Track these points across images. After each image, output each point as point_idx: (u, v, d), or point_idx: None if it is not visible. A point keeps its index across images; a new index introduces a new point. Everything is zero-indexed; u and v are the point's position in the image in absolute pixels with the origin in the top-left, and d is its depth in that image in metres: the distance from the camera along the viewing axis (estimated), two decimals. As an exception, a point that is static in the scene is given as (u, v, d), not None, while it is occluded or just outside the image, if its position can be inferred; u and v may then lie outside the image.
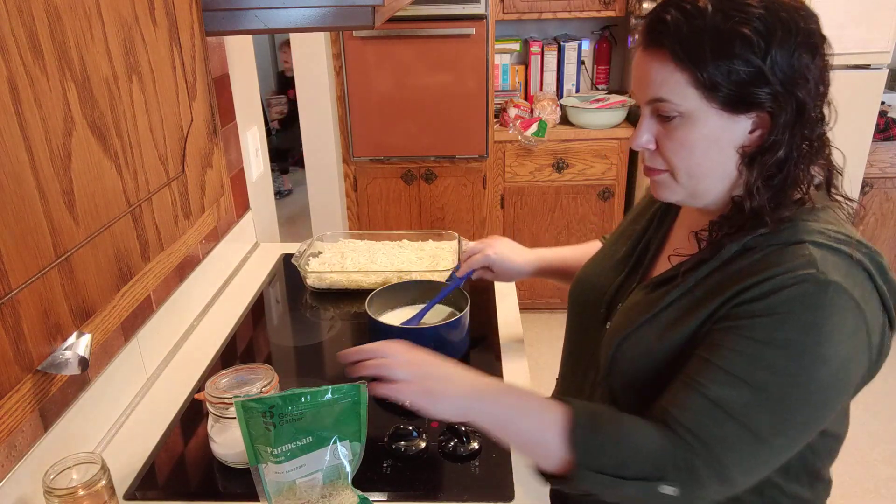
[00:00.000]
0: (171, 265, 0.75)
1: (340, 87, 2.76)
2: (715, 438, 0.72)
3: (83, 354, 0.55)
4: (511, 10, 2.88)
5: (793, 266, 0.72)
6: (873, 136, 2.72)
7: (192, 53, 0.77)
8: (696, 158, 0.79)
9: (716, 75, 0.73)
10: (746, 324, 0.73)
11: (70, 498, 0.81)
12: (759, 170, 0.76)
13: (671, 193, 0.84)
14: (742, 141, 0.77)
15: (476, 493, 0.93)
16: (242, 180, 1.74)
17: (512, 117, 2.88)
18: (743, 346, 0.72)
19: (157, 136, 0.68)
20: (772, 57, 0.72)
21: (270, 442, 0.80)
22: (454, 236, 1.67)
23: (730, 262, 0.78)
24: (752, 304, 0.73)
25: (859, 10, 2.47)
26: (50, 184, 0.51)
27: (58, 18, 0.52)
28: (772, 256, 0.75)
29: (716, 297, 0.76)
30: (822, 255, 0.73)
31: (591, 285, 0.99)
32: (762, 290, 0.72)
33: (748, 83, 0.73)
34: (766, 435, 0.72)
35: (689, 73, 0.74)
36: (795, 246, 0.74)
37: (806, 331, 0.70)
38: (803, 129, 0.75)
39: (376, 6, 0.97)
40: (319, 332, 1.41)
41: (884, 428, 2.51)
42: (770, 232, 0.76)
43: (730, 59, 0.72)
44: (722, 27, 0.72)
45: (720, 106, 0.75)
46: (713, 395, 0.72)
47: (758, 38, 0.71)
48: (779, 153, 0.74)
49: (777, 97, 0.73)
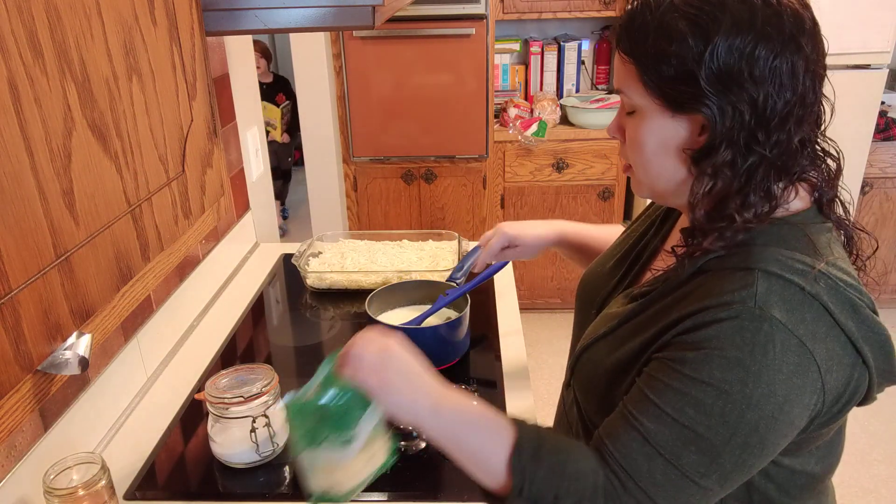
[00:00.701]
0: (171, 265, 0.75)
1: (340, 87, 2.76)
2: (643, 475, 0.69)
3: (83, 354, 0.55)
4: (511, 10, 2.88)
5: (730, 298, 0.67)
6: (873, 136, 2.72)
7: (192, 53, 0.77)
8: (647, 156, 0.76)
9: (652, 71, 0.71)
10: (678, 357, 0.70)
11: (70, 498, 0.81)
12: (703, 178, 0.72)
13: (639, 189, 0.82)
14: (687, 143, 0.73)
15: (476, 493, 0.93)
16: (242, 180, 1.74)
17: (512, 117, 2.88)
18: (673, 380, 0.69)
19: (157, 136, 0.68)
20: (711, 53, 0.66)
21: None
22: (454, 236, 1.67)
23: (684, 284, 0.75)
24: (686, 335, 0.70)
25: (859, 10, 2.47)
26: (50, 184, 0.51)
27: (58, 18, 0.52)
28: (715, 283, 0.70)
29: (660, 321, 0.74)
30: (768, 287, 0.67)
31: (590, 285, 0.97)
32: (695, 321, 0.69)
33: (680, 81, 0.69)
34: (693, 475, 0.68)
35: (633, 68, 0.73)
36: (743, 273, 0.69)
37: (732, 369, 0.66)
38: (760, 133, 0.68)
39: (376, 6, 0.97)
40: (319, 332, 1.41)
41: (884, 428, 2.51)
42: (726, 255, 0.72)
43: (665, 55, 0.69)
44: (664, 20, 0.69)
45: (662, 103, 0.72)
46: (645, 429, 0.70)
47: (695, 33, 0.67)
48: (717, 159, 0.70)
49: (710, 98, 0.68)
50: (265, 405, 0.96)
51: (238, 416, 0.95)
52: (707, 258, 0.73)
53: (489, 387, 1.17)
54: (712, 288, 0.70)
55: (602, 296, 0.93)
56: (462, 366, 1.24)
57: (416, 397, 0.75)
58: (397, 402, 0.75)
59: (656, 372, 0.71)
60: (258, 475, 0.98)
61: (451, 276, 1.41)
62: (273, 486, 0.97)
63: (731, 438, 0.67)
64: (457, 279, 1.40)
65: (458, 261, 1.53)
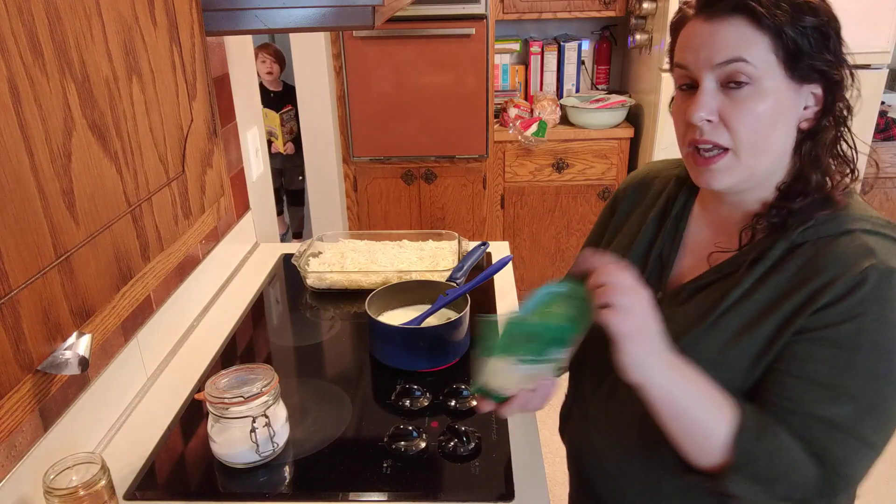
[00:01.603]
0: (171, 265, 0.75)
1: (340, 87, 2.76)
2: (840, 460, 0.72)
3: (83, 354, 0.55)
4: (511, 10, 2.88)
5: (854, 260, 0.71)
6: (873, 136, 2.72)
7: (192, 53, 0.77)
8: (765, 130, 0.75)
9: (795, 39, 0.72)
10: (830, 333, 0.71)
11: (70, 498, 0.81)
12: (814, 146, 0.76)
13: (729, 176, 0.78)
14: (801, 115, 0.76)
15: (476, 493, 0.94)
16: (242, 180, 1.74)
17: (512, 117, 2.88)
18: (833, 356, 0.71)
19: (157, 136, 0.68)
20: (833, 27, 0.73)
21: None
22: (454, 236, 1.67)
23: (784, 261, 0.76)
24: (828, 310, 0.71)
25: (859, 10, 2.47)
26: (50, 184, 0.51)
27: (58, 18, 0.52)
28: (828, 251, 0.73)
29: (783, 302, 0.74)
30: (876, 243, 0.72)
31: None
32: (834, 293, 0.71)
33: (815, 51, 0.73)
34: (874, 440, 0.72)
35: (770, 37, 0.72)
36: (846, 237, 0.73)
37: (887, 327, 0.70)
38: (844, 107, 0.76)
39: (376, 6, 0.97)
40: (319, 332, 1.41)
41: (884, 428, 2.51)
42: (814, 225, 0.75)
43: (804, 25, 0.72)
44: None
45: (791, 74, 0.73)
46: (825, 415, 0.72)
47: (821, 7, 0.73)
48: (824, 132, 0.76)
49: (837, 67, 0.74)
50: (265, 405, 0.96)
51: (238, 416, 0.95)
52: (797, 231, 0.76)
53: (489, 387, 1.17)
54: (827, 258, 0.73)
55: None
56: (462, 366, 1.24)
57: (657, 358, 0.73)
58: (641, 356, 0.72)
59: (809, 354, 0.72)
60: (258, 475, 0.98)
61: (451, 276, 1.41)
62: (273, 486, 0.97)
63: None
64: (457, 279, 1.40)
65: (458, 261, 1.53)
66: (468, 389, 1.13)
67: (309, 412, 1.13)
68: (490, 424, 1.07)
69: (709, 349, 0.79)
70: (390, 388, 1.16)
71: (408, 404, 1.11)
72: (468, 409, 1.10)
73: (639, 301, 0.73)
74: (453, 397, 1.12)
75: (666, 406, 0.74)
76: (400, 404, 1.12)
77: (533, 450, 1.03)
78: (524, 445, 1.03)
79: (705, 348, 0.79)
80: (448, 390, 1.13)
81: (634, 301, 0.72)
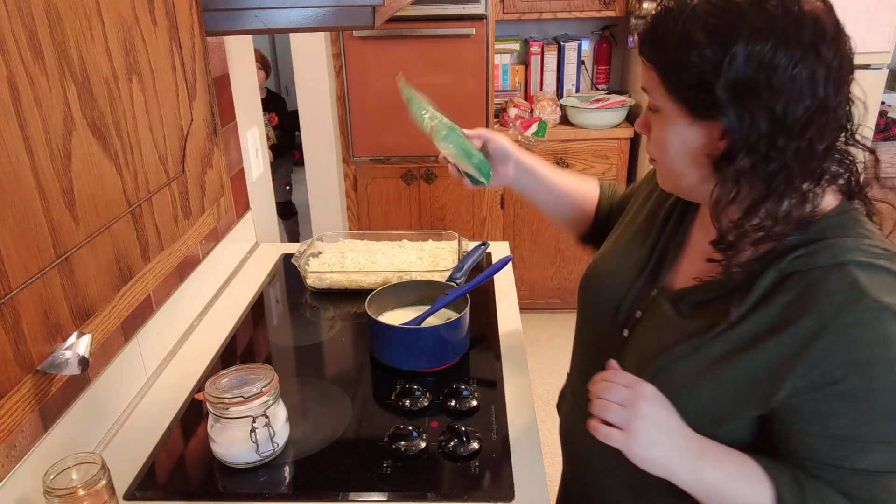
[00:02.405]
0: (171, 265, 0.75)
1: (340, 87, 2.76)
2: (887, 501, 0.72)
3: (83, 354, 0.55)
4: (511, 10, 2.88)
5: (845, 302, 0.68)
6: (873, 136, 2.72)
7: (192, 53, 0.77)
8: (670, 155, 0.78)
9: (672, 79, 0.72)
10: (840, 387, 0.69)
11: (70, 498, 0.81)
12: (726, 184, 0.72)
13: (663, 183, 0.84)
14: (707, 148, 0.74)
15: (476, 493, 0.94)
16: (242, 180, 1.74)
17: (512, 117, 2.88)
18: (851, 410, 0.70)
19: (157, 136, 0.68)
20: (729, 63, 0.67)
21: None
22: (454, 236, 1.67)
23: (773, 293, 0.73)
24: (830, 361, 0.69)
25: (859, 10, 2.47)
26: (50, 184, 0.51)
27: (58, 18, 0.52)
28: (818, 289, 0.70)
29: (768, 338, 0.72)
30: (869, 278, 0.69)
31: (606, 283, 0.94)
32: (831, 341, 0.68)
33: (699, 89, 0.70)
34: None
35: (655, 73, 0.75)
36: (837, 271, 0.70)
37: (890, 367, 0.68)
38: (780, 141, 0.69)
39: (376, 6, 0.97)
40: (319, 332, 1.41)
41: (884, 428, 2.50)
42: (807, 252, 0.72)
43: (684, 63, 0.70)
44: (684, 29, 0.70)
45: (683, 109, 0.73)
46: (861, 466, 0.71)
47: (713, 42, 0.68)
48: (737, 165, 0.70)
49: (728, 106, 0.68)
50: (265, 405, 0.96)
51: (238, 416, 0.95)
52: (786, 260, 0.73)
53: (489, 387, 1.17)
54: (817, 296, 0.70)
55: (627, 297, 0.90)
56: (462, 366, 1.24)
57: (677, 454, 0.73)
58: (656, 459, 0.73)
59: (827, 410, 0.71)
60: (258, 475, 0.98)
61: (451, 276, 1.41)
62: (273, 486, 0.97)
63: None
64: (457, 279, 1.40)
65: (458, 261, 1.53)
66: (468, 389, 1.13)
67: (309, 412, 1.13)
68: (490, 424, 1.07)
69: (687, 374, 0.78)
70: (390, 388, 1.16)
71: (408, 404, 1.11)
72: (468, 409, 1.10)
73: (636, 407, 0.73)
74: (453, 397, 1.12)
75: (699, 493, 0.74)
76: (400, 404, 1.12)
77: (533, 450, 1.03)
78: (524, 445, 1.03)
79: (683, 373, 0.78)
80: (448, 390, 1.13)
81: (631, 411, 0.73)
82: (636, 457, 0.73)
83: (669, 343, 0.80)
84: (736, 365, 0.74)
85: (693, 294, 0.82)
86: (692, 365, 0.77)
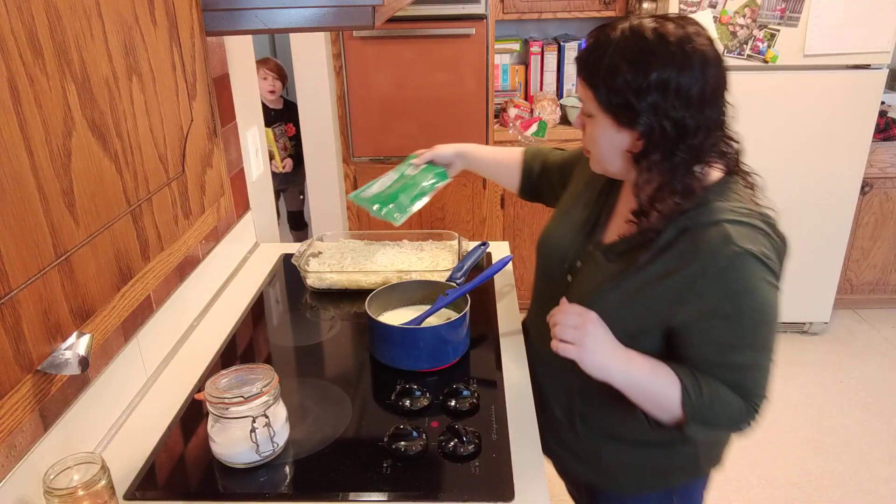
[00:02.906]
0: (171, 265, 0.75)
1: (340, 87, 2.76)
2: (753, 388, 0.99)
3: (83, 354, 0.55)
4: (511, 10, 2.88)
5: (718, 249, 0.93)
6: (873, 136, 2.72)
7: (192, 53, 0.77)
8: (600, 150, 1.03)
9: (602, 96, 0.97)
10: (719, 311, 0.95)
11: (70, 498, 0.81)
12: (643, 172, 0.98)
13: (595, 169, 1.09)
14: (629, 147, 0.99)
15: (476, 493, 0.94)
16: (242, 180, 1.75)
17: (512, 117, 2.88)
18: (727, 325, 0.96)
19: (157, 136, 0.68)
20: (647, 87, 0.91)
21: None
22: (454, 236, 1.67)
23: (672, 244, 0.99)
24: (710, 293, 0.95)
25: (859, 10, 2.47)
26: (50, 184, 0.51)
27: (58, 18, 0.52)
28: (700, 240, 0.95)
29: (670, 276, 0.98)
30: (736, 231, 0.94)
31: (555, 243, 1.21)
32: (710, 279, 0.94)
33: (623, 106, 0.95)
34: (769, 363, 0.99)
35: (590, 92, 0.98)
36: (714, 227, 0.95)
37: (755, 293, 0.94)
38: (683, 139, 0.94)
39: (376, 6, 0.97)
40: (319, 332, 1.41)
41: (884, 428, 2.51)
42: (695, 213, 0.97)
43: (612, 87, 0.94)
44: (612, 62, 0.94)
45: (610, 119, 0.98)
46: (734, 362, 0.98)
47: (635, 72, 0.92)
48: (651, 159, 0.96)
49: (644, 118, 0.93)
50: (265, 405, 0.96)
51: (238, 416, 0.95)
52: (681, 220, 0.98)
53: (489, 387, 1.17)
54: (699, 246, 0.95)
55: (570, 252, 1.16)
56: (462, 366, 1.25)
57: (611, 361, 0.98)
58: (598, 364, 0.98)
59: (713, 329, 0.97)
60: (258, 475, 0.98)
61: (451, 276, 1.41)
62: (273, 486, 0.97)
63: (773, 329, 0.98)
64: (457, 279, 1.40)
65: (458, 261, 1.53)
66: (468, 389, 1.13)
67: (309, 412, 1.13)
68: (490, 424, 1.07)
69: (613, 302, 1.03)
70: (390, 388, 1.16)
71: (408, 404, 1.11)
72: (468, 409, 1.10)
73: (584, 328, 0.98)
74: (453, 397, 1.12)
75: (629, 390, 1.00)
76: (400, 404, 1.12)
77: (533, 450, 1.03)
78: (524, 445, 1.03)
79: (611, 301, 1.03)
80: (448, 390, 1.13)
81: (581, 331, 0.97)
82: (586, 364, 0.98)
83: (600, 282, 1.06)
84: (646, 296, 1.00)
85: (617, 246, 1.08)
86: (616, 297, 1.03)
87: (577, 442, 1.19)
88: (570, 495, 1.38)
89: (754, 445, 2.42)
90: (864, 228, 3.02)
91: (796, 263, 2.97)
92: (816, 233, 2.85)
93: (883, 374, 2.81)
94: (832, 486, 2.25)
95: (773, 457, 2.38)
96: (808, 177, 2.77)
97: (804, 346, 3.02)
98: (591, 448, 1.17)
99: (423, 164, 1.48)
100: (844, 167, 2.75)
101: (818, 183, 2.78)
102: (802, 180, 2.77)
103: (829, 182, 2.78)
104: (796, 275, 3.00)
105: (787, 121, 2.67)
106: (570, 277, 1.15)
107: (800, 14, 2.49)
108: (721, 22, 2.55)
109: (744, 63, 2.59)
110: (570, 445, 1.21)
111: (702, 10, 2.53)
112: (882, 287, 3.16)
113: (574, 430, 1.17)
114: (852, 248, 3.04)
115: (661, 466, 1.15)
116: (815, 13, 2.48)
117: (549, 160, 1.43)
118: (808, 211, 2.81)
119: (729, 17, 2.54)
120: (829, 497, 2.21)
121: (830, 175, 2.77)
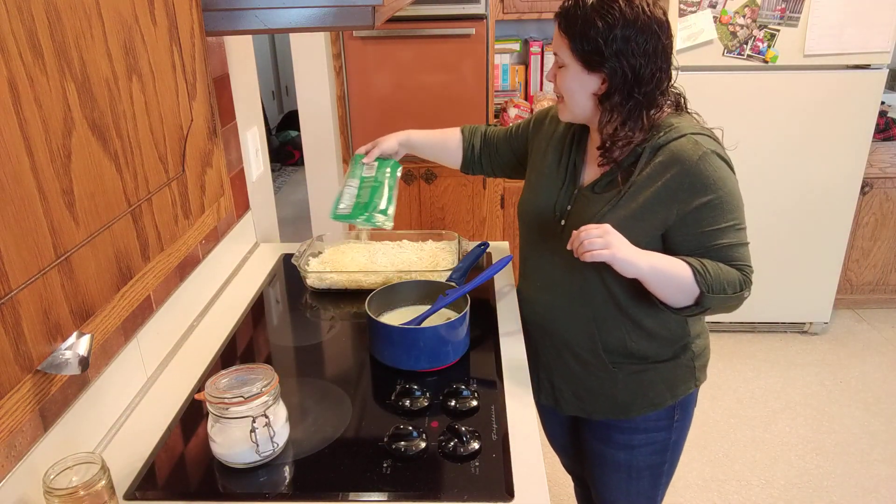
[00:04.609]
0: (171, 265, 0.75)
1: (340, 87, 2.76)
2: (743, 260, 1.20)
3: (83, 354, 0.55)
4: (511, 10, 2.88)
5: (690, 153, 1.15)
6: (873, 136, 2.72)
7: (192, 53, 0.77)
8: (571, 94, 1.22)
9: (577, 44, 1.15)
10: (704, 204, 1.16)
11: (70, 498, 0.81)
12: (606, 112, 1.19)
13: (563, 115, 1.27)
14: (595, 90, 1.19)
15: (476, 493, 0.94)
16: (242, 180, 1.75)
17: (512, 117, 2.88)
18: (712, 214, 1.16)
19: (157, 136, 0.68)
20: (613, 38, 1.12)
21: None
22: (454, 236, 1.67)
23: (652, 159, 1.18)
24: (693, 192, 1.15)
25: (859, 10, 2.47)
26: (50, 184, 0.51)
27: (58, 18, 0.52)
28: (675, 150, 1.16)
29: (657, 182, 1.17)
30: (702, 139, 1.17)
31: (541, 198, 1.35)
32: (689, 181, 1.15)
33: (593, 52, 1.14)
34: (747, 240, 1.21)
35: (567, 41, 1.17)
36: (683, 138, 1.17)
37: (725, 184, 1.16)
38: (638, 84, 1.15)
39: (376, 6, 0.97)
40: (319, 332, 1.41)
41: (884, 428, 2.51)
42: (665, 134, 1.18)
43: (586, 36, 1.13)
44: (588, 17, 1.13)
45: (581, 65, 1.17)
46: (725, 242, 1.18)
47: (605, 26, 1.12)
48: (613, 100, 1.17)
49: (609, 63, 1.14)
50: (265, 405, 0.96)
51: (238, 416, 0.95)
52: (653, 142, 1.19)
53: (489, 387, 1.18)
54: (675, 153, 1.16)
55: (560, 200, 1.31)
56: (462, 366, 1.25)
57: (635, 256, 1.14)
58: (627, 261, 1.13)
59: (703, 220, 1.17)
60: (258, 475, 0.98)
61: (451, 276, 1.41)
62: (273, 486, 0.97)
63: (742, 211, 1.20)
64: (457, 279, 1.40)
65: (458, 261, 1.53)
66: (468, 389, 1.13)
67: (309, 412, 1.13)
68: (490, 424, 1.07)
69: (615, 220, 1.19)
70: (390, 388, 1.16)
71: (408, 404, 1.11)
72: (468, 409, 1.10)
73: (607, 236, 1.12)
74: (453, 397, 1.12)
75: (653, 278, 1.16)
76: (400, 404, 1.12)
77: (533, 450, 1.03)
78: (524, 445, 1.03)
79: (616, 216, 1.20)
80: (448, 390, 1.13)
81: (605, 238, 1.12)
82: (618, 259, 1.12)
83: (596, 210, 1.23)
84: (642, 207, 1.19)
85: (601, 180, 1.25)
86: (616, 215, 1.20)
87: (597, 374, 1.34)
88: (574, 495, 1.41)
89: (754, 445, 2.42)
90: (864, 228, 3.02)
91: (796, 263, 2.98)
92: (816, 233, 2.85)
93: (883, 374, 2.81)
94: (832, 486, 2.25)
95: (773, 457, 2.38)
96: (808, 177, 2.77)
97: (804, 346, 3.02)
98: (610, 376, 1.33)
99: (373, 162, 1.54)
100: (844, 167, 2.75)
101: (818, 183, 2.78)
102: (802, 180, 2.77)
103: (829, 182, 2.78)
104: (796, 275, 3.01)
105: (786, 121, 2.67)
106: (564, 221, 1.30)
107: (800, 14, 2.49)
108: (721, 22, 2.54)
109: (744, 63, 2.59)
110: (590, 386, 1.36)
111: (702, 10, 2.53)
112: (882, 287, 3.16)
113: (598, 358, 1.32)
114: (852, 248, 3.04)
115: (667, 380, 1.33)
116: (815, 13, 2.48)
117: (488, 133, 1.58)
118: (808, 211, 2.81)
119: (729, 17, 2.54)
120: (829, 497, 2.21)
121: (830, 175, 2.77)
